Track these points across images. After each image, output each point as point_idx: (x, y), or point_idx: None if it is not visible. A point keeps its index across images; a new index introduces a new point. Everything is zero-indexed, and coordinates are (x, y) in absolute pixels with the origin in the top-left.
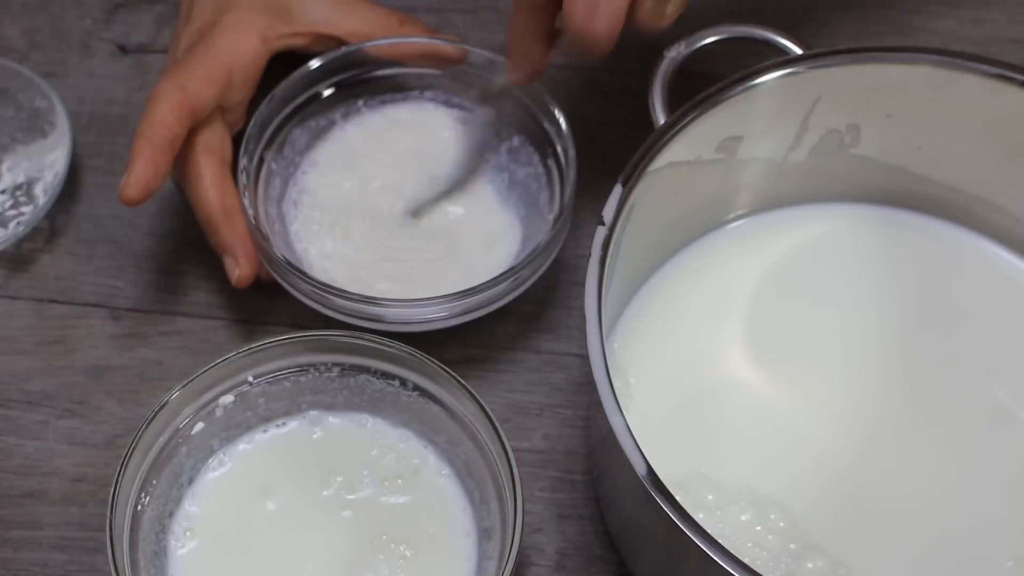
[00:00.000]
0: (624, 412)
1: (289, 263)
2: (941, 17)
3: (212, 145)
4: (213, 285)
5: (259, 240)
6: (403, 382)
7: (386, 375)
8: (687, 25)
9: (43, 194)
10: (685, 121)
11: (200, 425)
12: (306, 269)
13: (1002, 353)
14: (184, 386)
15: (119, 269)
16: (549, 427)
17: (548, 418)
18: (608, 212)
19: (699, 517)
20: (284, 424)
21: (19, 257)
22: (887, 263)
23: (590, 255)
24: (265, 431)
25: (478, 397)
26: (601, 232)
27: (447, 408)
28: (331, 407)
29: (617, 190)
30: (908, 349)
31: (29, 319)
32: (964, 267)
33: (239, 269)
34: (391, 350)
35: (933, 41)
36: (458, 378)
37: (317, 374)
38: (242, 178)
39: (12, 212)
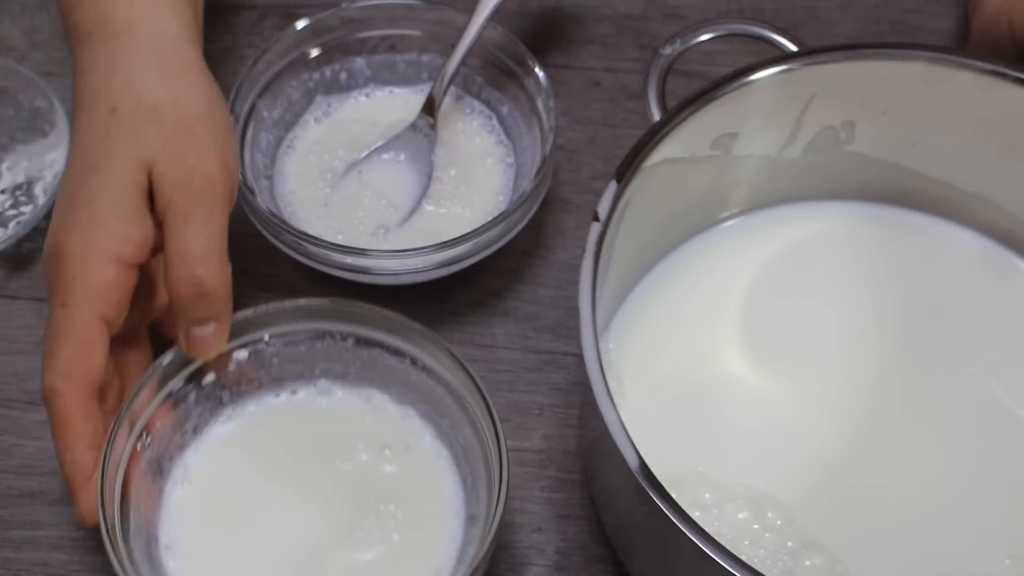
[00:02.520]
0: (619, 411)
1: (273, 214)
2: (941, 17)
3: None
4: None
5: (245, 192)
6: (413, 360)
7: (398, 351)
8: (684, 24)
9: (43, 194)
10: (680, 118)
11: (211, 376)
12: (292, 221)
13: (999, 350)
14: None
15: None
16: (549, 427)
17: (548, 418)
18: (603, 208)
19: (696, 516)
20: (295, 392)
21: (19, 257)
22: (882, 260)
23: (584, 251)
24: (276, 396)
25: (478, 381)
26: (596, 228)
27: (452, 391)
28: (343, 377)
29: (612, 186)
30: (904, 346)
31: (29, 319)
32: (960, 264)
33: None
34: (405, 325)
35: (933, 41)
36: (462, 361)
37: (332, 342)
38: (231, 122)
39: (12, 212)
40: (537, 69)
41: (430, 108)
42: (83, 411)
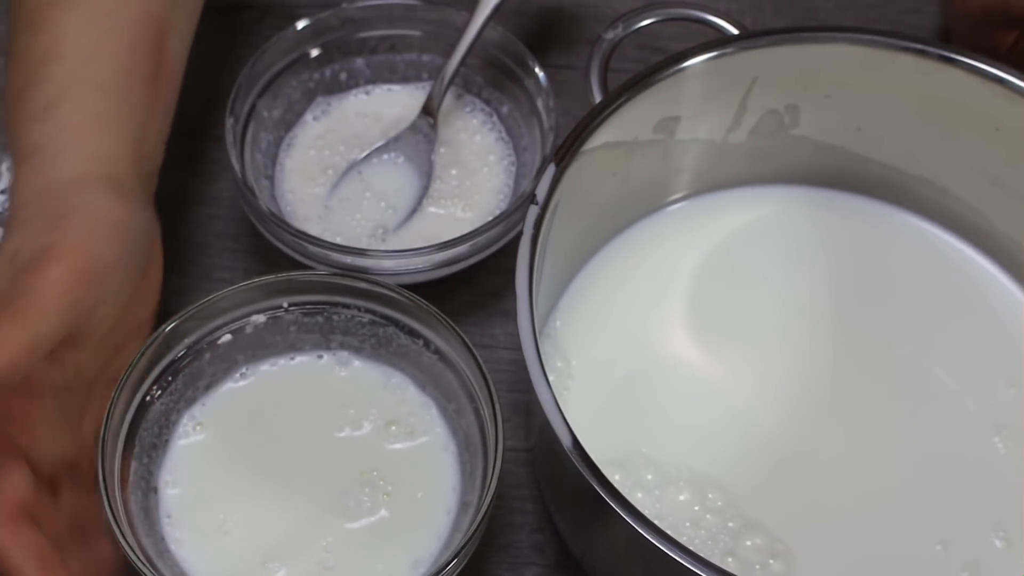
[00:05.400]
0: (566, 392)
1: (273, 214)
2: (940, 17)
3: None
4: (213, 285)
5: (245, 193)
6: (427, 342)
7: (412, 332)
8: (684, 25)
9: None
10: (619, 102)
11: (228, 337)
12: (291, 220)
13: (941, 332)
14: (218, 298)
15: None
16: None
17: None
18: (541, 191)
19: (637, 497)
20: (320, 357)
21: None
22: (827, 244)
23: (521, 233)
24: (292, 359)
25: (483, 367)
26: (533, 211)
27: (460, 377)
28: (358, 351)
29: (550, 170)
30: (848, 329)
31: None
32: (904, 247)
33: None
34: (421, 307)
35: None
36: (471, 347)
37: (349, 315)
38: (230, 122)
39: None
40: (537, 69)
41: (430, 108)
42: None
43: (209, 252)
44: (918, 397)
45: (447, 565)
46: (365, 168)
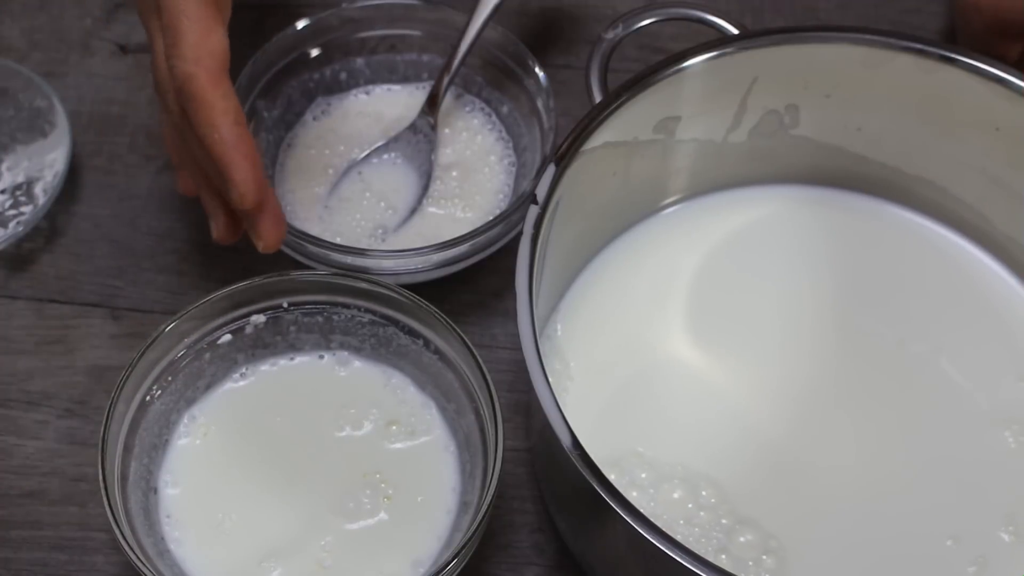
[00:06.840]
0: (564, 393)
1: None
2: (941, 17)
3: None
4: (213, 285)
5: None
6: (427, 342)
7: (412, 332)
8: (684, 25)
9: (43, 194)
10: (619, 102)
11: (228, 337)
12: (292, 221)
13: (947, 330)
14: (218, 298)
15: (119, 269)
16: None
17: None
18: (541, 191)
19: (632, 496)
20: (321, 357)
21: (19, 257)
22: (828, 244)
23: (521, 233)
24: (292, 359)
25: (483, 367)
26: (534, 211)
27: (460, 377)
28: (358, 351)
29: (550, 170)
30: (851, 328)
31: (29, 319)
32: (904, 246)
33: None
34: (421, 307)
35: None
36: (470, 345)
37: (349, 315)
38: None
39: (12, 212)
40: (537, 69)
41: (430, 108)
42: (220, 89)
43: (209, 252)
44: (924, 394)
45: (447, 565)
46: (365, 168)
